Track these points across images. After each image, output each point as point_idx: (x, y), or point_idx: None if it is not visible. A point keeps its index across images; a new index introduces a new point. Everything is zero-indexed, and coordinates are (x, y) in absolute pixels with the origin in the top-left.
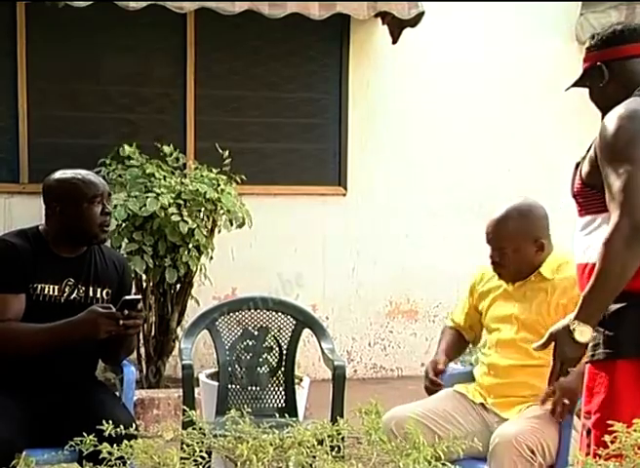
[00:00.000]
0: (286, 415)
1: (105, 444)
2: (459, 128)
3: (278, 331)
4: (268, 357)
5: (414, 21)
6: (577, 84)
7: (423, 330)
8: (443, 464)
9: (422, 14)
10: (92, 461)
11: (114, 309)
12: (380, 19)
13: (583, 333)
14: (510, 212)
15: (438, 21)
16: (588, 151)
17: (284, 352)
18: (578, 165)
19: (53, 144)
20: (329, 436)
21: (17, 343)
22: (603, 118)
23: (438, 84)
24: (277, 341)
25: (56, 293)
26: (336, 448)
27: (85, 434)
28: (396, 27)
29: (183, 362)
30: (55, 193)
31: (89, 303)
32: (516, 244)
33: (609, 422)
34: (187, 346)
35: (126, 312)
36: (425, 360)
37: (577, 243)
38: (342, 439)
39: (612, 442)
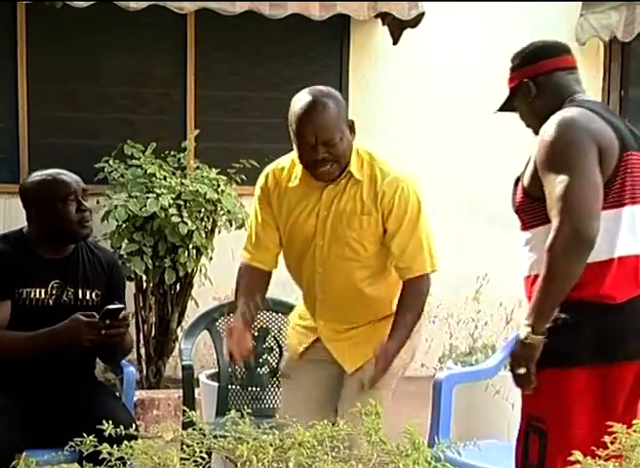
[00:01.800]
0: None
1: (105, 444)
2: (459, 128)
3: (278, 331)
4: (268, 357)
5: (414, 22)
6: (505, 106)
7: (423, 330)
8: (443, 465)
9: (423, 14)
10: (92, 462)
11: (97, 317)
12: (380, 20)
13: (529, 337)
14: (318, 96)
15: (438, 22)
16: (527, 165)
17: (284, 353)
18: (517, 180)
19: (53, 145)
20: (329, 436)
21: (0, 351)
22: (537, 134)
23: (438, 84)
24: (277, 342)
25: (42, 296)
26: (335, 449)
27: (85, 434)
28: (396, 28)
29: (183, 362)
30: (29, 196)
31: (79, 305)
32: (340, 129)
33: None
34: (187, 347)
35: (108, 322)
36: (425, 360)
37: (523, 257)
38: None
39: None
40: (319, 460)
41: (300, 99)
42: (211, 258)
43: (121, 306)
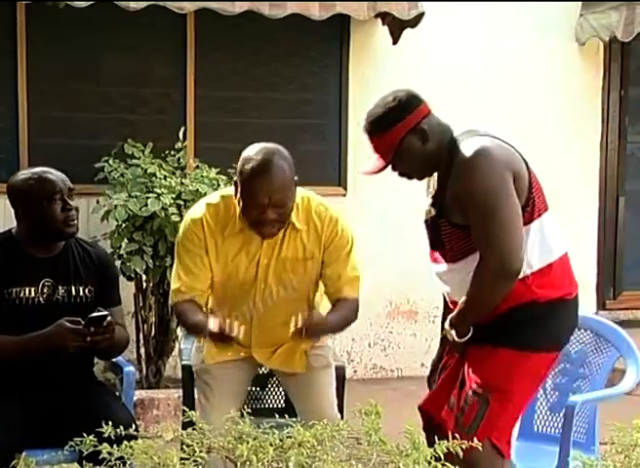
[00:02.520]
0: (286, 416)
1: (105, 444)
2: (459, 128)
3: None
4: None
5: (414, 22)
6: (393, 162)
7: (423, 330)
8: (443, 465)
9: (422, 14)
10: (92, 462)
11: (82, 324)
12: (380, 20)
13: (455, 339)
14: (273, 157)
15: (438, 22)
16: (439, 202)
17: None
18: (432, 220)
19: (53, 145)
20: (329, 436)
21: None
22: (421, 179)
23: (438, 84)
24: None
25: (32, 295)
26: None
27: (85, 434)
28: (396, 28)
29: (183, 362)
30: (15, 195)
31: (72, 302)
32: (291, 191)
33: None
34: (187, 347)
35: (92, 329)
36: (425, 360)
37: (456, 285)
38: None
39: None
40: (319, 460)
41: (255, 159)
42: None
43: (105, 313)
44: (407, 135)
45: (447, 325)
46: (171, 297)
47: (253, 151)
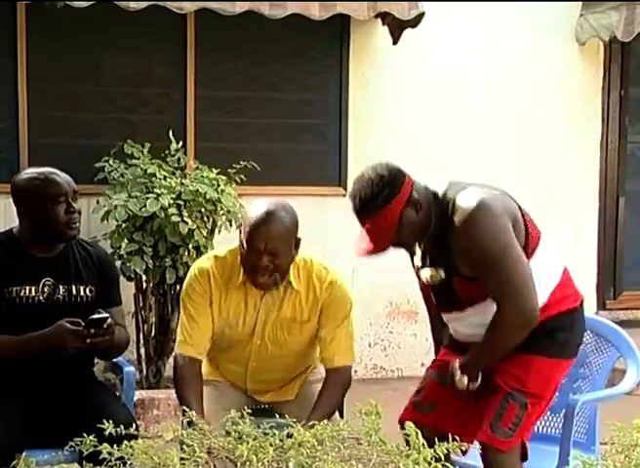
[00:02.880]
0: (286, 416)
1: (105, 444)
2: (458, 128)
3: None
4: None
5: (414, 22)
6: (398, 239)
7: (424, 330)
8: (443, 465)
9: (423, 14)
10: (92, 462)
11: (82, 326)
12: (380, 20)
13: (461, 381)
14: (276, 209)
15: (438, 22)
16: (444, 262)
17: None
18: (442, 283)
19: (53, 145)
20: (329, 436)
21: None
22: (412, 248)
23: (438, 84)
24: None
25: (32, 294)
26: (336, 449)
27: (85, 434)
28: (396, 28)
29: None
30: (19, 194)
31: (73, 302)
32: (289, 244)
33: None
34: None
35: (92, 331)
36: (426, 360)
37: (472, 325)
38: (343, 440)
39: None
40: (319, 460)
41: (260, 208)
42: None
43: (105, 316)
44: (404, 208)
45: (458, 372)
46: (176, 347)
47: (258, 203)
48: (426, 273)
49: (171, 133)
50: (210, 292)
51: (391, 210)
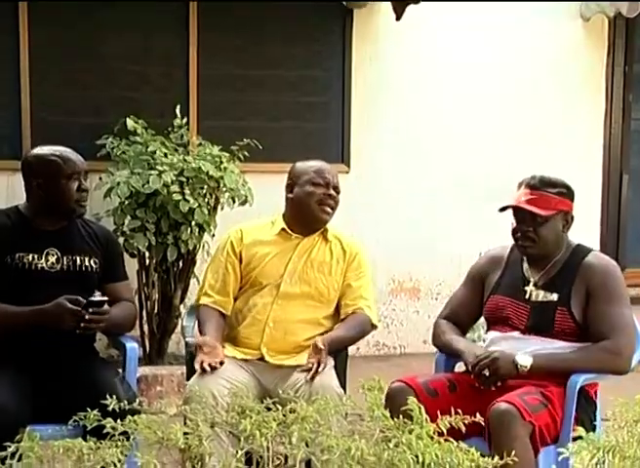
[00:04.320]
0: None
1: (109, 419)
2: (463, 105)
3: None
4: None
5: None
6: (538, 222)
7: (426, 307)
8: (446, 440)
9: None
10: (95, 436)
11: (82, 306)
12: None
13: (523, 368)
14: (321, 160)
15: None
16: (559, 291)
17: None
18: (545, 304)
19: (55, 122)
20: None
21: None
22: (533, 256)
23: (442, 61)
24: None
25: (36, 261)
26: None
27: (89, 410)
28: (399, 4)
29: (186, 339)
30: (34, 169)
31: (77, 271)
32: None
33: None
34: (190, 324)
35: (90, 310)
36: (428, 337)
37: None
38: (346, 415)
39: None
40: (322, 435)
41: (308, 161)
42: (213, 235)
43: (104, 299)
44: (562, 213)
45: (526, 357)
46: (196, 298)
47: (300, 162)
48: (539, 293)
49: (177, 109)
50: (241, 247)
51: (559, 202)
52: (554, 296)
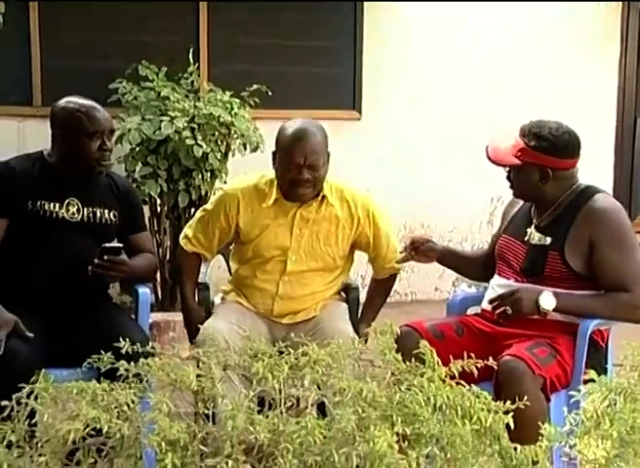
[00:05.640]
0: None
1: (123, 361)
2: (481, 47)
3: None
4: None
5: None
6: (512, 170)
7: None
8: (457, 383)
9: None
10: (109, 379)
11: (96, 254)
12: None
13: (548, 310)
14: (308, 126)
15: None
16: (555, 235)
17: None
18: (539, 246)
19: (65, 67)
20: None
21: None
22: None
23: (455, 9)
24: None
25: (57, 209)
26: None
27: (103, 352)
28: None
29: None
30: (58, 121)
31: (97, 223)
32: (323, 157)
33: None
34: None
35: (105, 257)
36: (439, 284)
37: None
38: (358, 359)
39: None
40: (334, 378)
41: (292, 126)
42: (225, 182)
43: (119, 245)
44: (534, 165)
45: (550, 299)
46: (180, 238)
47: (289, 123)
48: (536, 235)
49: (190, 55)
50: (237, 210)
51: (530, 154)
52: (547, 240)
